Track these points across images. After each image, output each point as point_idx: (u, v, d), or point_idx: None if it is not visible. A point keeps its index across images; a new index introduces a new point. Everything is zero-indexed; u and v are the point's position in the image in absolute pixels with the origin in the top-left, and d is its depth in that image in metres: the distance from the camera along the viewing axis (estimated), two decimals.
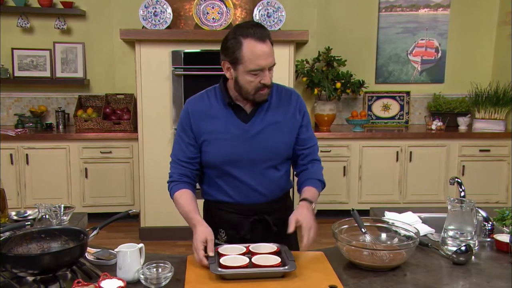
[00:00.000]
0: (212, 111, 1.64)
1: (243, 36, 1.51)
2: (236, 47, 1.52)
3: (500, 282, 1.40)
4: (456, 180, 1.81)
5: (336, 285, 1.37)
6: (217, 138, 1.63)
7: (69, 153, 3.93)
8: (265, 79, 1.54)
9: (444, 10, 4.42)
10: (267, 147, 1.64)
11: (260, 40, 1.51)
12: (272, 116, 1.65)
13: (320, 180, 1.72)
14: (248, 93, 1.57)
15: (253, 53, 1.50)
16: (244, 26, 1.55)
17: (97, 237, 4.09)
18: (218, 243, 1.66)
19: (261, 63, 1.52)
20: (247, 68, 1.52)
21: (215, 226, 1.66)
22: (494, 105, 4.16)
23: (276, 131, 1.65)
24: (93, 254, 1.51)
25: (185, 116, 1.67)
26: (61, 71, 4.23)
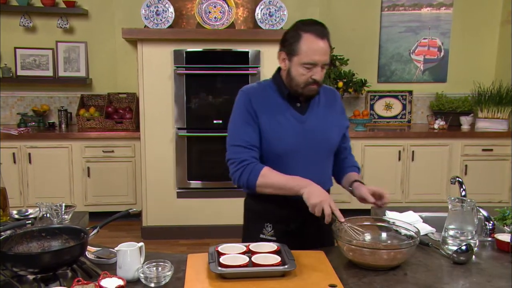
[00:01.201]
0: (270, 102, 1.67)
1: (304, 31, 1.58)
2: (295, 39, 1.58)
3: (500, 281, 1.40)
4: (457, 179, 1.80)
5: (336, 284, 1.37)
6: (278, 129, 1.65)
7: (71, 152, 3.94)
8: (317, 74, 1.59)
9: (447, 9, 4.40)
10: (322, 139, 1.70)
11: (319, 37, 1.57)
12: (324, 111, 1.73)
13: (358, 168, 1.86)
14: (298, 85, 1.62)
15: (310, 47, 1.56)
16: (306, 22, 1.62)
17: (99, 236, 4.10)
18: (263, 237, 1.70)
19: (316, 58, 1.57)
20: (302, 60, 1.58)
21: (261, 220, 1.71)
22: (497, 104, 4.14)
23: (329, 126, 1.72)
24: (93, 253, 1.51)
25: (247, 103, 1.66)
26: (63, 70, 4.24)
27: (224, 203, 3.78)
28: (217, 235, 3.66)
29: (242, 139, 1.64)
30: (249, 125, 1.65)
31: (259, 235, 1.73)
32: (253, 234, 1.75)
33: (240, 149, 1.64)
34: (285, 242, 1.60)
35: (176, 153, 3.71)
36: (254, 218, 1.74)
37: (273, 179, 1.59)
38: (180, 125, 3.67)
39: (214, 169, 3.81)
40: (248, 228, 1.82)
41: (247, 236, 1.79)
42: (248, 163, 1.62)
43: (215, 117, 3.68)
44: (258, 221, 1.70)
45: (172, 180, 3.75)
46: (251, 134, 1.65)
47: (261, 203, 1.73)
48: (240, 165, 1.63)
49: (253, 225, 1.77)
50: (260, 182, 1.60)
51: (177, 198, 3.77)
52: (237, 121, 1.67)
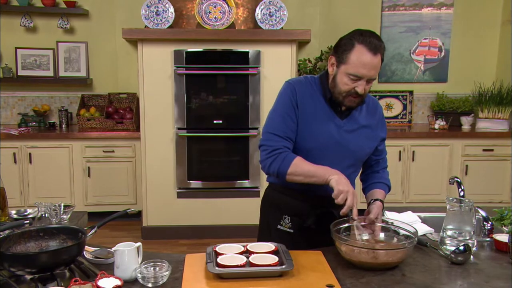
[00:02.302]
0: (314, 99, 1.69)
1: (358, 41, 1.57)
2: (347, 48, 1.58)
3: (499, 282, 1.39)
4: (456, 179, 1.80)
5: (333, 284, 1.37)
6: (314, 125, 1.67)
7: (72, 152, 3.95)
8: (360, 88, 1.59)
9: (447, 9, 4.39)
10: (355, 147, 1.72)
11: (371, 51, 1.56)
12: (364, 121, 1.74)
13: (388, 186, 1.85)
14: (339, 93, 1.63)
15: (359, 60, 1.56)
16: (363, 33, 1.60)
17: (99, 235, 4.10)
18: (280, 228, 1.76)
19: (363, 72, 1.57)
20: (348, 70, 1.58)
21: (279, 212, 1.76)
22: (498, 104, 4.13)
23: (365, 135, 1.74)
24: (91, 253, 1.52)
25: (291, 93, 1.68)
26: (64, 70, 4.25)
27: (224, 203, 3.78)
28: (217, 235, 3.67)
29: (279, 129, 1.67)
30: (289, 117, 1.67)
31: (276, 225, 1.78)
32: (271, 224, 1.80)
33: (275, 137, 1.66)
34: (301, 236, 1.73)
35: (176, 153, 3.71)
36: (273, 209, 1.80)
37: (304, 168, 1.62)
38: (180, 125, 3.67)
39: (214, 169, 3.82)
40: (266, 218, 1.86)
41: (265, 225, 1.84)
42: (280, 152, 1.65)
43: (215, 117, 3.69)
44: (276, 212, 1.77)
45: (172, 180, 3.75)
46: (289, 125, 1.67)
47: (281, 195, 1.79)
48: (272, 153, 1.65)
49: (271, 216, 1.81)
50: (291, 170, 1.62)
51: (177, 198, 3.77)
52: (279, 110, 1.69)
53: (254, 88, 3.64)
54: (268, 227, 1.83)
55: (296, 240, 1.75)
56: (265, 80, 3.65)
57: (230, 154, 3.81)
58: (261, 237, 1.86)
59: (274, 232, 1.79)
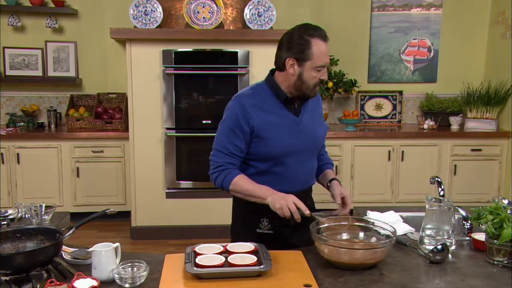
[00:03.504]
0: (266, 105, 1.73)
1: (310, 36, 1.65)
2: (305, 46, 1.64)
3: (474, 280, 1.41)
4: (436, 179, 1.81)
5: (311, 284, 1.38)
6: (275, 131, 1.72)
7: (60, 152, 3.93)
8: (325, 75, 1.69)
9: (436, 9, 4.42)
10: (313, 138, 1.81)
11: (324, 40, 1.66)
12: (313, 113, 1.83)
13: (332, 165, 1.98)
14: (308, 88, 1.70)
15: (321, 51, 1.65)
16: (308, 27, 1.68)
17: (87, 236, 4.09)
18: (260, 231, 1.78)
19: (326, 60, 1.67)
20: (315, 64, 1.65)
21: (257, 215, 1.78)
22: (486, 104, 4.16)
23: (317, 124, 1.84)
24: (70, 254, 1.51)
25: (240, 109, 1.70)
26: (53, 70, 4.23)
27: (213, 203, 3.77)
28: (206, 235, 3.66)
29: (224, 146, 1.72)
30: (234, 134, 1.70)
31: (255, 230, 1.79)
32: (248, 230, 1.80)
33: (220, 154, 1.73)
34: (284, 235, 1.76)
35: (165, 153, 3.70)
36: (248, 214, 1.79)
37: (242, 187, 1.69)
38: (169, 125, 3.67)
39: (203, 169, 3.76)
40: (240, 224, 1.86)
41: (241, 232, 1.82)
42: (223, 168, 1.72)
43: (204, 117, 3.68)
44: (252, 217, 1.77)
45: (161, 180, 3.74)
46: (234, 142, 1.71)
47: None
48: (217, 169, 1.74)
49: (247, 221, 1.81)
50: (232, 188, 1.72)
51: (166, 198, 3.76)
52: (225, 127, 1.73)
53: (243, 88, 3.62)
54: (244, 233, 1.79)
55: (278, 240, 1.76)
56: (254, 80, 3.65)
57: None
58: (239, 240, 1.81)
59: (254, 237, 1.75)
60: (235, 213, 1.90)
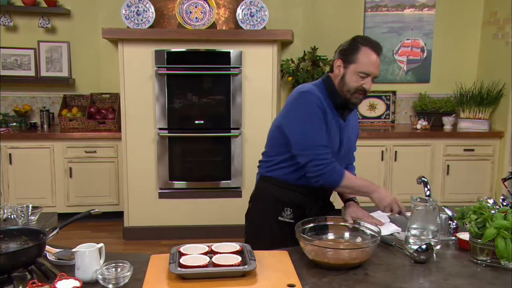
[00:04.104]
0: (327, 105, 1.83)
1: (362, 44, 1.77)
2: (354, 50, 1.76)
3: (457, 279, 1.41)
4: (422, 179, 1.82)
5: (294, 284, 1.38)
6: (332, 128, 1.83)
7: (53, 152, 3.92)
8: (367, 84, 1.78)
9: (429, 10, 4.43)
10: (349, 147, 1.95)
11: (375, 51, 1.77)
12: (352, 121, 1.98)
13: None
14: (348, 91, 1.79)
15: (368, 59, 1.75)
16: (365, 37, 1.84)
17: (79, 236, 4.08)
18: (281, 220, 1.88)
19: (371, 69, 1.76)
20: (359, 69, 1.75)
21: (282, 204, 1.89)
22: (479, 104, 4.17)
23: (354, 135, 2.00)
24: (54, 254, 1.51)
25: (319, 103, 1.79)
26: (46, 70, 4.22)
27: (206, 203, 3.78)
28: (199, 236, 3.66)
29: (324, 138, 1.79)
30: (324, 124, 1.80)
31: (277, 217, 1.89)
32: (271, 216, 1.91)
33: (325, 149, 1.79)
34: None
35: (158, 153, 3.70)
36: (273, 201, 1.90)
37: (354, 183, 1.83)
38: (161, 125, 3.66)
39: (195, 170, 3.81)
40: (261, 210, 1.94)
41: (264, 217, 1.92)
42: (335, 165, 1.79)
43: (196, 117, 3.68)
44: (277, 205, 1.89)
45: (154, 180, 3.74)
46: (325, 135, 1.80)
47: (281, 189, 1.90)
48: (329, 166, 1.77)
49: (270, 208, 1.91)
50: (344, 184, 1.80)
51: (159, 198, 3.76)
52: (315, 121, 1.78)
53: (236, 88, 3.64)
54: (267, 220, 1.91)
55: None
56: (246, 80, 3.66)
57: (212, 154, 3.81)
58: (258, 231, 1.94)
59: (275, 224, 1.89)
60: (257, 199, 1.98)
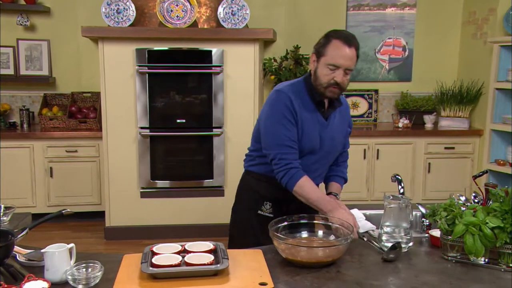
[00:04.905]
0: (304, 102, 1.82)
1: (333, 37, 1.75)
2: (325, 43, 1.76)
3: (427, 276, 1.43)
4: (397, 177, 1.83)
5: (266, 282, 1.38)
6: (308, 127, 1.81)
7: (33, 152, 3.87)
8: (338, 77, 1.74)
9: (410, 9, 4.47)
10: (333, 145, 1.91)
11: (346, 44, 1.73)
12: (339, 119, 1.92)
13: (344, 178, 2.04)
14: (321, 85, 1.77)
15: (336, 51, 1.72)
16: (338, 31, 1.80)
17: (61, 237, 4.03)
18: (261, 213, 1.89)
19: (339, 61, 1.72)
20: (327, 61, 1.74)
21: (262, 198, 1.90)
22: (459, 103, 4.22)
23: (340, 133, 1.94)
24: (24, 256, 1.49)
25: (288, 102, 1.79)
26: (25, 69, 4.16)
27: (189, 202, 3.76)
28: (181, 235, 3.65)
29: (289, 139, 1.78)
30: (292, 124, 1.79)
31: (257, 211, 1.91)
32: (251, 208, 1.93)
33: (289, 150, 1.78)
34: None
35: (139, 152, 3.68)
36: (254, 194, 1.92)
37: (307, 194, 1.76)
38: (143, 124, 3.64)
39: (177, 169, 3.80)
40: (243, 203, 1.97)
41: (244, 208, 1.96)
42: (291, 167, 1.77)
43: (178, 116, 3.66)
44: (257, 198, 1.90)
45: (136, 180, 3.72)
46: (294, 133, 1.79)
47: (262, 183, 1.91)
48: (286, 166, 1.77)
49: (250, 201, 1.93)
50: (296, 190, 1.78)
51: (140, 198, 3.74)
52: (278, 120, 1.78)
53: (218, 87, 3.63)
54: (247, 211, 1.93)
55: None
56: (228, 79, 3.65)
57: (194, 153, 3.80)
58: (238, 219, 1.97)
59: (254, 217, 1.91)
60: (240, 192, 2.01)
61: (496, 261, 1.47)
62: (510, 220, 1.40)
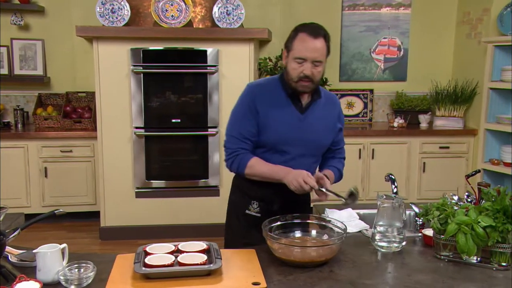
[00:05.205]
0: (273, 99, 1.81)
1: (300, 30, 1.74)
2: (292, 37, 1.75)
3: (420, 275, 1.43)
4: (390, 177, 1.84)
5: (259, 282, 1.38)
6: (275, 124, 1.79)
7: (27, 152, 3.85)
8: (306, 70, 1.71)
9: (405, 9, 4.48)
10: (315, 139, 1.85)
11: (311, 36, 1.70)
12: (323, 113, 1.87)
13: (339, 171, 1.99)
14: (292, 79, 1.76)
15: (302, 44, 1.70)
16: (304, 24, 1.77)
17: (56, 237, 4.01)
18: (248, 213, 1.88)
19: (305, 54, 1.70)
20: (294, 55, 1.72)
21: (249, 197, 1.88)
22: (453, 103, 4.24)
23: (323, 127, 1.88)
24: (16, 256, 1.48)
25: (250, 97, 1.81)
26: (19, 69, 4.14)
27: (184, 202, 3.76)
28: (176, 235, 3.64)
29: (237, 131, 1.81)
30: (247, 119, 1.79)
31: (244, 210, 1.90)
32: (239, 209, 1.92)
33: (234, 140, 1.81)
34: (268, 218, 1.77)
35: (134, 152, 3.67)
36: (241, 194, 1.91)
37: (259, 170, 1.78)
38: (138, 124, 3.63)
39: (173, 169, 3.79)
40: (234, 202, 1.96)
41: (233, 209, 1.96)
42: (238, 153, 1.80)
43: (173, 116, 3.66)
44: (245, 198, 1.89)
45: (131, 180, 3.71)
46: (247, 127, 1.80)
47: (249, 183, 1.88)
48: (232, 154, 1.82)
49: (240, 201, 1.92)
50: (247, 171, 1.80)
51: (135, 198, 3.73)
52: (238, 113, 1.83)
53: (213, 87, 3.62)
54: (236, 211, 1.93)
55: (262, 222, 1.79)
56: (223, 78, 3.64)
57: (189, 153, 3.79)
58: (229, 222, 1.97)
59: (242, 216, 1.90)
60: (231, 192, 2.00)
61: (488, 260, 1.48)
62: (501, 219, 1.41)
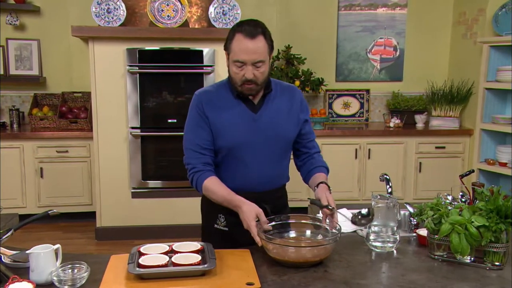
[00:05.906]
0: (222, 103, 1.72)
1: (237, 31, 1.63)
2: (230, 39, 1.65)
3: (414, 274, 1.44)
4: (385, 176, 1.84)
5: (253, 282, 1.38)
6: (228, 128, 1.70)
7: (23, 152, 3.84)
8: (247, 73, 1.62)
9: (401, 9, 4.49)
10: (275, 135, 1.74)
11: (248, 37, 1.60)
12: (279, 106, 1.75)
13: (327, 168, 1.88)
14: (235, 83, 1.67)
15: (239, 47, 1.61)
16: (241, 22, 1.67)
17: (52, 237, 4.00)
18: (217, 227, 1.80)
19: (243, 57, 1.60)
20: (233, 58, 1.63)
21: (216, 210, 1.78)
22: (449, 103, 4.25)
23: (283, 119, 1.75)
24: (9, 257, 1.48)
25: (198, 105, 1.72)
26: (15, 68, 4.13)
27: (180, 202, 3.75)
28: (172, 235, 3.63)
29: (193, 143, 1.72)
30: (200, 128, 1.71)
31: (213, 225, 1.81)
32: (209, 224, 1.84)
33: (193, 154, 1.73)
34: (237, 233, 1.71)
35: (130, 152, 3.66)
36: (209, 209, 1.83)
37: (212, 193, 1.70)
38: (134, 124, 3.62)
39: (169, 169, 3.78)
40: (204, 218, 1.90)
41: (204, 226, 1.89)
42: (196, 170, 1.72)
43: (169, 116, 3.65)
44: (212, 212, 1.80)
45: (127, 180, 3.70)
46: (203, 136, 1.71)
47: None
48: (191, 171, 1.74)
49: (209, 215, 1.84)
50: (204, 193, 1.75)
51: (132, 198, 3.72)
52: (190, 124, 1.75)
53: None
54: (206, 227, 1.86)
55: (233, 238, 1.76)
56: (220, 79, 3.61)
57: None
58: (203, 237, 1.88)
59: (213, 231, 1.81)
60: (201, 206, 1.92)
61: (481, 259, 1.48)
62: (495, 219, 1.42)
